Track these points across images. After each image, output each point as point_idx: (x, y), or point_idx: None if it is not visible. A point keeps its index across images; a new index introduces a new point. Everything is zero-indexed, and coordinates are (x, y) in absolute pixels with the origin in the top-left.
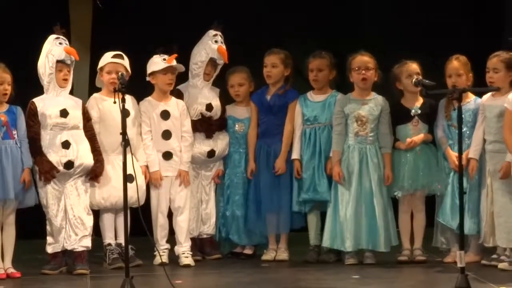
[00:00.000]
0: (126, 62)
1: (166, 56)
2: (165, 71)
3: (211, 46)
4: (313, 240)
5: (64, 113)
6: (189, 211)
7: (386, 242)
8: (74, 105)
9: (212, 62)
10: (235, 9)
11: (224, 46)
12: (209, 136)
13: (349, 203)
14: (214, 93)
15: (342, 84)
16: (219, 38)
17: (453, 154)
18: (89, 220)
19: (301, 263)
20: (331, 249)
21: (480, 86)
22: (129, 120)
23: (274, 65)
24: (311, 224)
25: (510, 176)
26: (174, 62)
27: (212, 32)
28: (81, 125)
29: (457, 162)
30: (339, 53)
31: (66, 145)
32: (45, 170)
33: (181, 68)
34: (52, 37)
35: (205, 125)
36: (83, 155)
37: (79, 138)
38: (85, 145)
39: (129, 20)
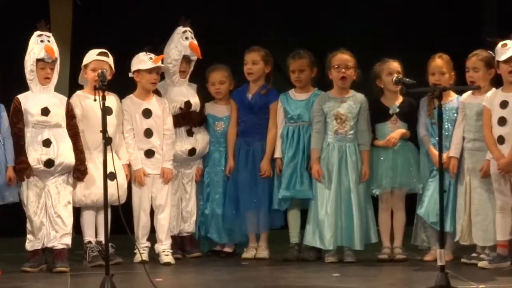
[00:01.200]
0: (110, 60)
1: (152, 55)
2: (150, 70)
3: (182, 43)
4: (293, 238)
5: (45, 112)
6: (170, 209)
7: (361, 240)
8: (57, 103)
9: (186, 59)
10: (214, 6)
11: (195, 41)
12: (190, 132)
13: (329, 201)
14: (192, 90)
15: (321, 81)
16: (189, 34)
17: (436, 153)
18: (69, 218)
19: (281, 261)
20: (312, 247)
21: (459, 85)
22: (111, 118)
23: (254, 62)
24: (292, 222)
25: (489, 175)
26: (161, 63)
27: (181, 28)
28: (63, 123)
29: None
30: (318, 50)
31: (47, 143)
32: (20, 169)
33: (167, 68)
34: (35, 34)
35: (185, 118)
36: (64, 154)
37: (61, 136)
38: (67, 143)
39: (110, 17)
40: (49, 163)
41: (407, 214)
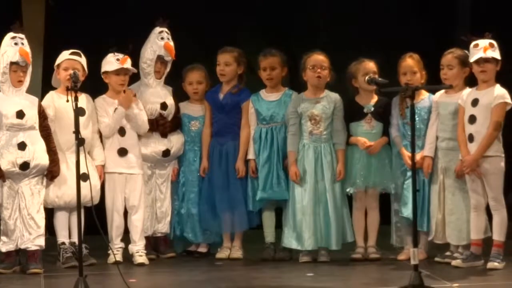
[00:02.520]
0: (83, 60)
1: (120, 56)
2: (117, 72)
3: (157, 43)
4: (268, 237)
5: (20, 115)
6: (143, 210)
7: (338, 240)
8: (30, 105)
9: (160, 59)
10: (186, 6)
11: (171, 42)
12: (164, 135)
13: (307, 202)
14: (167, 91)
15: (291, 83)
16: (165, 35)
17: (407, 154)
18: (42, 220)
19: (255, 261)
20: (286, 247)
21: (432, 84)
22: (84, 119)
23: (227, 64)
24: (267, 222)
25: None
26: (127, 64)
27: (157, 29)
28: (37, 125)
29: (410, 162)
30: (291, 52)
31: (22, 146)
32: None
33: (133, 70)
34: (8, 36)
35: (160, 124)
36: (38, 156)
37: (35, 138)
38: (41, 145)
39: (83, 17)
40: (24, 165)
41: (381, 214)
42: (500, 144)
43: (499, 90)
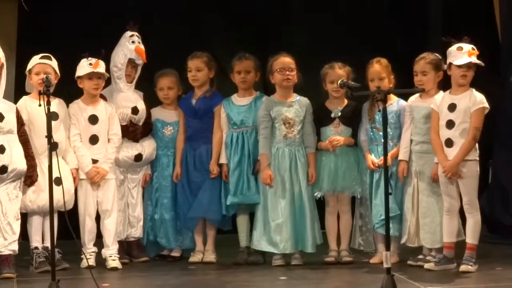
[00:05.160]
0: (54, 63)
1: (93, 61)
2: (90, 76)
3: (128, 47)
4: (242, 241)
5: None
6: (116, 214)
7: (313, 243)
8: (8, 109)
9: (131, 63)
10: (162, 11)
11: (142, 46)
12: (135, 141)
13: (283, 206)
14: (138, 96)
15: (261, 87)
16: (136, 38)
17: (369, 158)
18: (18, 225)
19: (228, 265)
20: (259, 250)
21: (406, 87)
22: (57, 123)
23: (199, 69)
24: (241, 226)
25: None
26: (100, 68)
27: (128, 33)
28: (15, 129)
29: (372, 166)
30: (265, 55)
31: (1, 149)
32: None
33: (106, 75)
34: None
35: (131, 131)
36: (17, 160)
37: (14, 142)
38: (19, 149)
39: (56, 21)
40: (3, 169)
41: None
42: (476, 148)
43: (476, 95)
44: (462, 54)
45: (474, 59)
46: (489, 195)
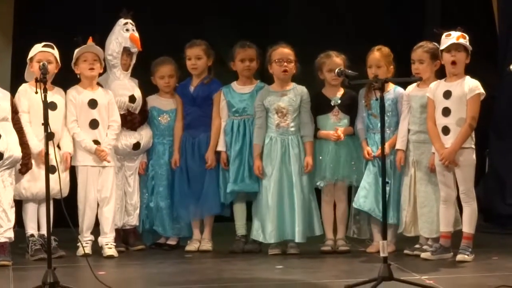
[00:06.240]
0: (56, 52)
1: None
2: (85, 57)
3: (123, 35)
4: (239, 230)
5: None
6: (114, 202)
7: (303, 233)
8: (2, 97)
9: (126, 51)
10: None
11: (136, 34)
12: (134, 129)
13: (273, 195)
14: (134, 84)
15: (260, 75)
16: (130, 26)
17: (365, 147)
18: (12, 213)
19: (225, 253)
20: (255, 239)
21: (404, 76)
22: (56, 113)
23: (198, 57)
24: (238, 214)
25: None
26: (93, 44)
27: (122, 20)
28: (10, 117)
29: (367, 156)
30: (261, 45)
31: None
32: None
33: (100, 51)
34: None
35: (129, 120)
36: (12, 148)
37: (9, 130)
38: (14, 137)
39: (53, 10)
40: None
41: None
42: (473, 136)
43: (471, 82)
44: (450, 39)
45: (461, 41)
46: (486, 184)
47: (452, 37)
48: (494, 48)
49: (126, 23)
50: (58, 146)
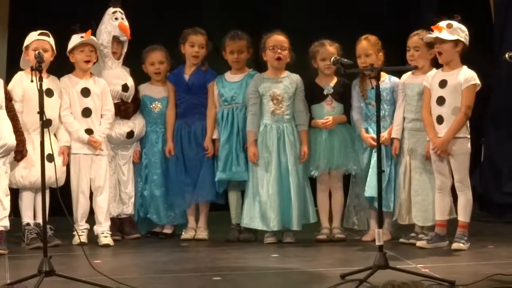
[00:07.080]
0: (52, 40)
1: (83, 34)
2: (82, 47)
3: (112, 24)
4: (234, 219)
5: None
6: (108, 191)
7: (299, 221)
8: None
9: (116, 39)
10: None
11: (125, 22)
12: (127, 118)
13: (270, 183)
14: (126, 73)
15: (252, 63)
16: (119, 15)
17: (367, 136)
18: (8, 201)
19: (220, 242)
20: (249, 227)
21: (397, 65)
22: (52, 100)
23: (202, 46)
24: (232, 203)
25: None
26: (92, 39)
27: (111, 9)
28: (3, 104)
29: (373, 143)
30: (254, 32)
31: None
32: None
33: (98, 45)
34: None
35: (122, 109)
36: (7, 136)
37: (3, 118)
38: (8, 125)
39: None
40: None
41: (346, 195)
42: (468, 126)
43: (467, 72)
44: (433, 34)
45: (442, 36)
46: (481, 173)
47: (435, 31)
48: (490, 36)
49: (115, 12)
50: (55, 135)
